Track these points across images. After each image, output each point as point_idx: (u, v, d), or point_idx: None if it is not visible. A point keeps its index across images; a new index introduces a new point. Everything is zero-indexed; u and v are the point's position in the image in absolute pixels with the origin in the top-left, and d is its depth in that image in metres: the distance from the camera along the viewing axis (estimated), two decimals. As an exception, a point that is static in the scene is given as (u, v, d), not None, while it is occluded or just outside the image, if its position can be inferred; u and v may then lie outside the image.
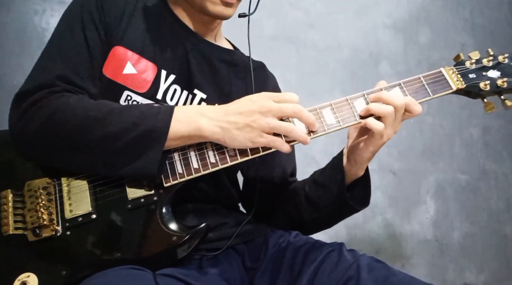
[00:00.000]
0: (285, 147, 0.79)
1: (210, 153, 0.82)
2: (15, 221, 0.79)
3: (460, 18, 2.34)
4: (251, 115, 0.77)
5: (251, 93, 0.93)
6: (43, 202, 0.80)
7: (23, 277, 0.74)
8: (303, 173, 1.09)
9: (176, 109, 0.79)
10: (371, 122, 0.81)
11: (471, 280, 2.16)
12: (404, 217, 2.05)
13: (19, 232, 0.78)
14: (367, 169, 0.94)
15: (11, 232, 0.78)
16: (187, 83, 0.94)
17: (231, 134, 0.77)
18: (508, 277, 2.25)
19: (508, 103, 0.86)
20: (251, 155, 0.81)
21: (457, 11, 2.33)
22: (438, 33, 2.26)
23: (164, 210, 0.79)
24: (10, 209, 0.80)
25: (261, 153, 0.81)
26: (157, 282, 0.69)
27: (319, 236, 0.98)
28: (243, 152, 0.81)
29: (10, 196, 0.81)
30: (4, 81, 1.35)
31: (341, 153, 0.95)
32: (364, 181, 0.95)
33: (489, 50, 0.90)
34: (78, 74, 0.85)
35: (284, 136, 0.79)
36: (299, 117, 0.79)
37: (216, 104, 0.83)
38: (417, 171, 2.11)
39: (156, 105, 0.85)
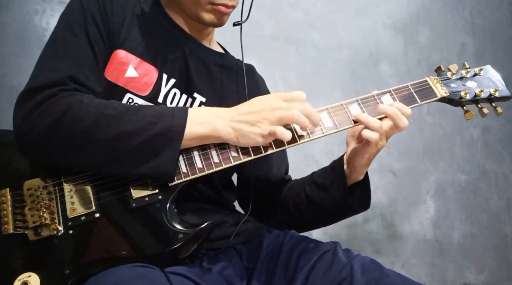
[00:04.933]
0: (286, 135, 0.80)
1: (213, 152, 0.83)
2: (15, 220, 0.78)
3: (460, 18, 2.34)
4: (261, 113, 0.80)
5: (243, 95, 0.98)
6: (44, 201, 0.79)
7: (23, 277, 0.73)
8: (303, 173, 1.09)
9: (190, 110, 0.80)
10: (367, 132, 0.86)
11: (471, 280, 2.15)
12: (404, 217, 2.05)
13: (20, 231, 0.77)
14: (366, 174, 0.97)
15: (11, 231, 0.77)
16: (186, 87, 0.95)
17: (243, 132, 0.80)
18: (508, 277, 2.25)
19: (485, 111, 0.95)
20: (254, 155, 0.83)
21: (457, 11, 2.33)
22: (438, 33, 2.26)
23: (169, 209, 0.80)
24: (10, 208, 0.79)
25: (263, 154, 0.83)
26: (170, 281, 0.69)
27: (319, 236, 0.99)
28: (246, 152, 0.83)
29: (9, 195, 0.80)
30: (4, 81, 1.35)
31: (341, 158, 0.99)
32: (364, 184, 0.98)
33: (465, 63, 0.98)
34: (85, 75, 0.84)
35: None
36: (307, 115, 0.82)
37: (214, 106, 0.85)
38: (417, 171, 2.11)
39: (170, 106, 0.84)
